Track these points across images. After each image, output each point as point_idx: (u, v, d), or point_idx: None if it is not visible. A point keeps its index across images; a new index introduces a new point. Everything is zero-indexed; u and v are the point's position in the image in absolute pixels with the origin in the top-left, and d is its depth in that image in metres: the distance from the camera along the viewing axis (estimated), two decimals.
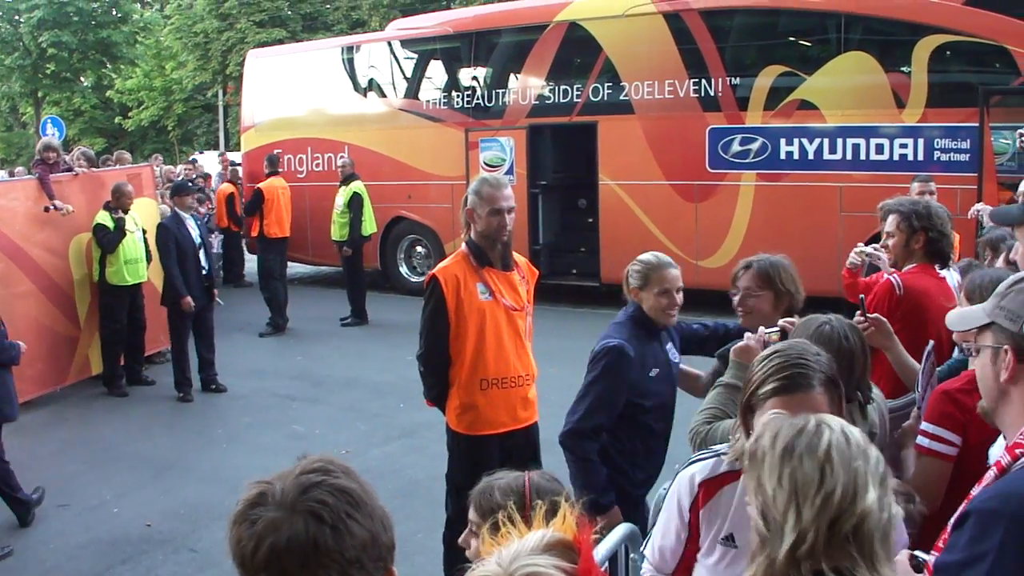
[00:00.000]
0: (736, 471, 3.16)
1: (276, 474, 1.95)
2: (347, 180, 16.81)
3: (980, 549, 2.26)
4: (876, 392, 4.30)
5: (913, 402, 5.15)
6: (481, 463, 5.47)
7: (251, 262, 19.97)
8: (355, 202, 16.60)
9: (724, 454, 3.29)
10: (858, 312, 4.77)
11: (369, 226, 17.07)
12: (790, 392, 2.96)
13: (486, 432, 5.90)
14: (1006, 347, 2.61)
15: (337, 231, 16.80)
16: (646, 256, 5.26)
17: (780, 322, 4.67)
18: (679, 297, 5.16)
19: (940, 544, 2.52)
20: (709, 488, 3.29)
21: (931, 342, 4.89)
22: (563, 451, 5.22)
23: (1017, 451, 2.50)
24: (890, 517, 2.10)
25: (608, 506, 5.08)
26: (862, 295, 4.87)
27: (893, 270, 5.97)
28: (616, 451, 5.24)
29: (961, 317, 2.91)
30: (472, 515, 3.25)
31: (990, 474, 2.60)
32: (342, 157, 18.31)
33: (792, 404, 2.88)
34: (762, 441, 2.24)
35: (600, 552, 3.80)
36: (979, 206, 8.36)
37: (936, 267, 5.84)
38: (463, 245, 5.92)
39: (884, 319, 4.75)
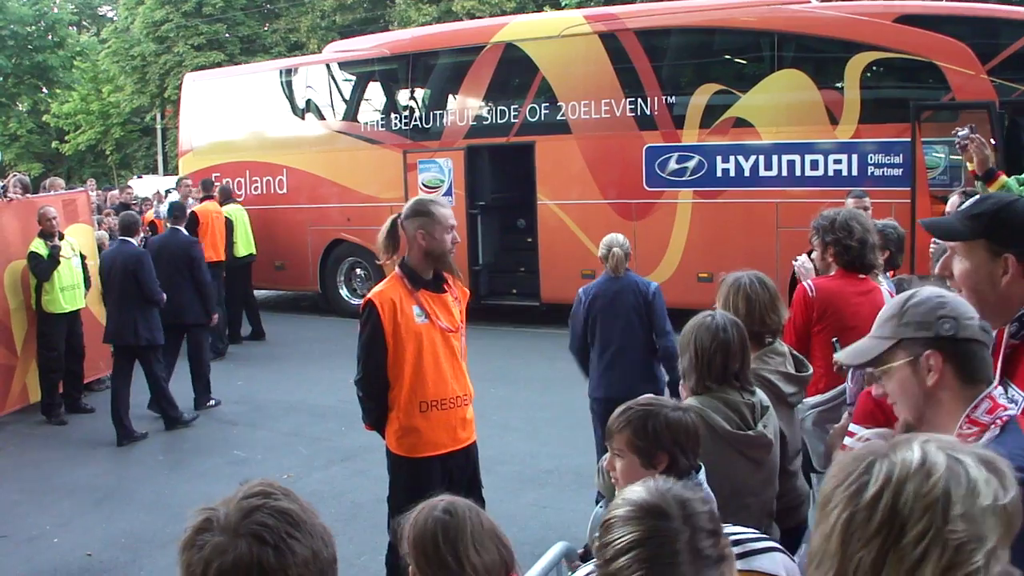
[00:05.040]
0: None
1: (220, 500, 2.05)
2: (223, 203, 17.10)
3: None
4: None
5: (841, 393, 5.33)
6: (423, 485, 5.47)
7: None
8: (227, 226, 16.86)
9: None
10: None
11: (243, 247, 17.33)
12: None
13: (428, 454, 5.91)
14: (928, 352, 2.66)
15: None
16: None
17: None
18: None
19: None
20: None
21: None
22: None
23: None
24: None
25: None
26: (835, 338, 4.95)
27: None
28: None
29: (858, 350, 2.88)
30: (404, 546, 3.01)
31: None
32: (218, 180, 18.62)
33: None
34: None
35: (537, 570, 3.82)
36: None
37: (859, 275, 5.92)
38: (396, 268, 5.93)
39: None
